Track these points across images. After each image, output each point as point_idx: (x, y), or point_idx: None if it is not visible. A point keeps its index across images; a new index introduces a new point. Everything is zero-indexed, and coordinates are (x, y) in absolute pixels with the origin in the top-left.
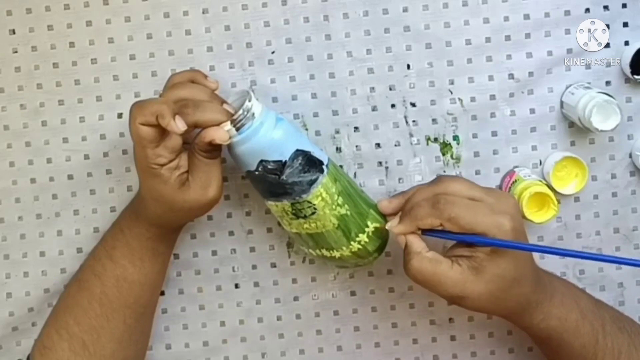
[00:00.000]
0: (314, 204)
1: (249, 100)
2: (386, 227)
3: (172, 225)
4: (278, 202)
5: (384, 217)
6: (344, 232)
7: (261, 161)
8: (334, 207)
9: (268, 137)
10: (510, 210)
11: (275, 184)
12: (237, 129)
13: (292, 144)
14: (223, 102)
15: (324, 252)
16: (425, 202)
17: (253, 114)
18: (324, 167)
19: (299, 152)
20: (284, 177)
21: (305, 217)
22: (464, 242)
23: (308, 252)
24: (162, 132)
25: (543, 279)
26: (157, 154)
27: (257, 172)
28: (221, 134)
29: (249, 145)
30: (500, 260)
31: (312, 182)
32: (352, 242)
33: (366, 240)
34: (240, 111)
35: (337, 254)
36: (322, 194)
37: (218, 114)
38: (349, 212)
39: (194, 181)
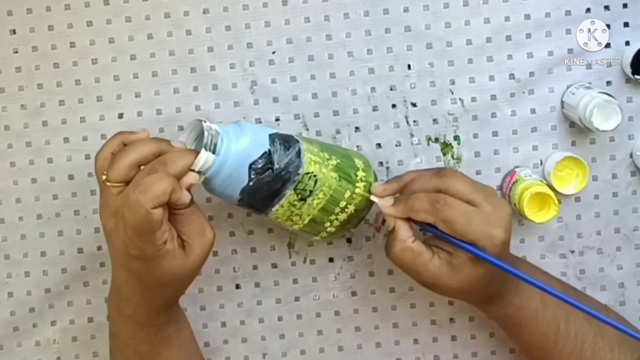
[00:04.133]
0: (312, 172)
1: (205, 122)
2: (378, 204)
3: (179, 296)
4: (282, 200)
5: (361, 158)
6: (346, 178)
7: (250, 166)
8: (326, 163)
9: (243, 140)
10: (505, 222)
11: (272, 179)
12: (213, 152)
13: (262, 132)
14: (169, 141)
15: (340, 216)
16: (424, 197)
17: (216, 130)
18: (294, 136)
19: (272, 135)
20: (276, 165)
21: (311, 192)
22: (450, 243)
23: (327, 233)
24: None
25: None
26: (163, 231)
27: (251, 183)
28: (193, 175)
29: (234, 158)
30: (480, 267)
31: (298, 154)
32: (357, 184)
33: (364, 174)
34: (206, 133)
35: (351, 208)
36: (312, 158)
37: (186, 155)
38: (338, 160)
39: (190, 236)
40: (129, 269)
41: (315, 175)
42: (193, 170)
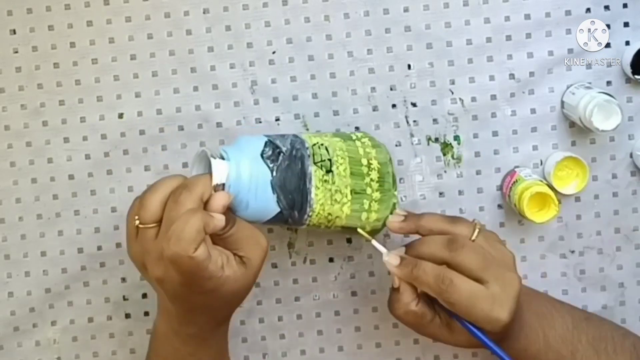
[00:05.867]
0: (317, 142)
1: (207, 148)
2: (384, 259)
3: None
4: (313, 180)
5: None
6: (349, 138)
7: (262, 156)
8: (322, 135)
9: (241, 140)
10: (511, 304)
11: (289, 162)
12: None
13: (253, 136)
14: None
15: (372, 174)
16: (431, 272)
17: (221, 155)
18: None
19: (267, 138)
20: (283, 147)
21: (330, 160)
22: (449, 316)
23: (376, 202)
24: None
25: (515, 320)
26: (215, 260)
27: (274, 173)
28: (222, 195)
29: (244, 154)
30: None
31: (295, 135)
32: (361, 140)
33: (359, 134)
34: (208, 152)
35: (374, 163)
36: (308, 135)
37: (202, 179)
38: (337, 138)
39: (247, 250)
40: (192, 303)
41: (322, 144)
42: (216, 190)
